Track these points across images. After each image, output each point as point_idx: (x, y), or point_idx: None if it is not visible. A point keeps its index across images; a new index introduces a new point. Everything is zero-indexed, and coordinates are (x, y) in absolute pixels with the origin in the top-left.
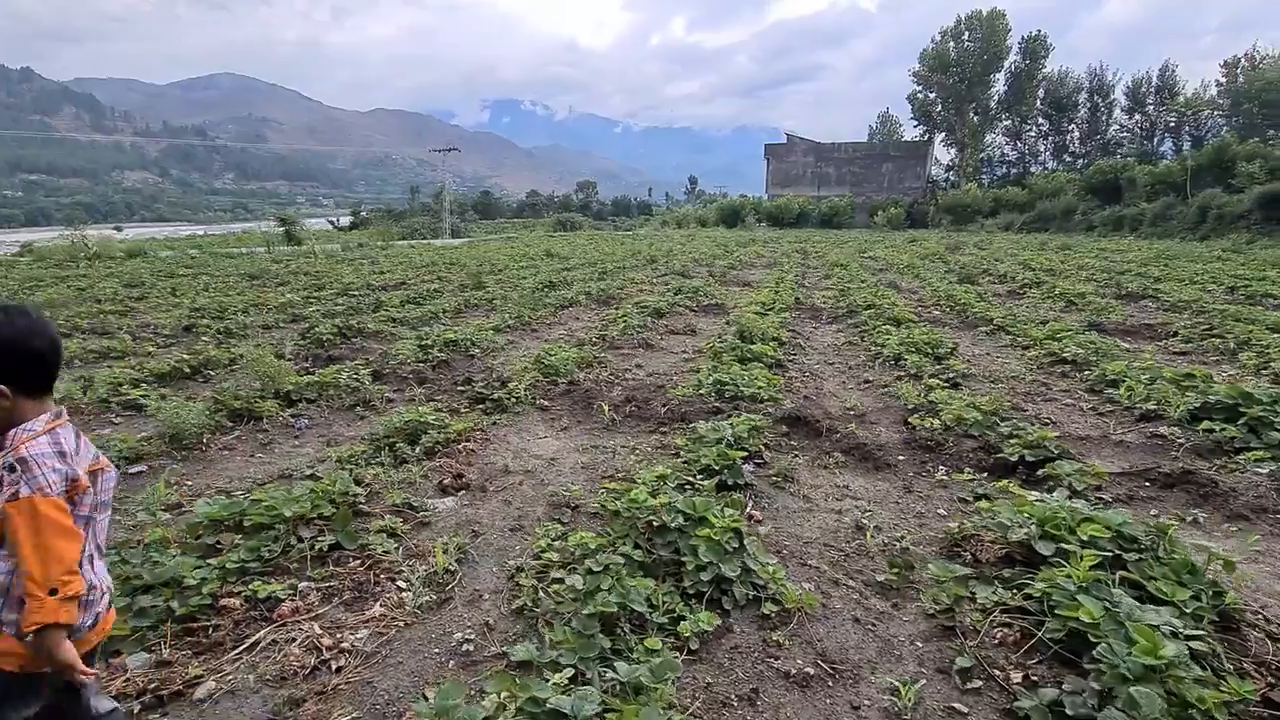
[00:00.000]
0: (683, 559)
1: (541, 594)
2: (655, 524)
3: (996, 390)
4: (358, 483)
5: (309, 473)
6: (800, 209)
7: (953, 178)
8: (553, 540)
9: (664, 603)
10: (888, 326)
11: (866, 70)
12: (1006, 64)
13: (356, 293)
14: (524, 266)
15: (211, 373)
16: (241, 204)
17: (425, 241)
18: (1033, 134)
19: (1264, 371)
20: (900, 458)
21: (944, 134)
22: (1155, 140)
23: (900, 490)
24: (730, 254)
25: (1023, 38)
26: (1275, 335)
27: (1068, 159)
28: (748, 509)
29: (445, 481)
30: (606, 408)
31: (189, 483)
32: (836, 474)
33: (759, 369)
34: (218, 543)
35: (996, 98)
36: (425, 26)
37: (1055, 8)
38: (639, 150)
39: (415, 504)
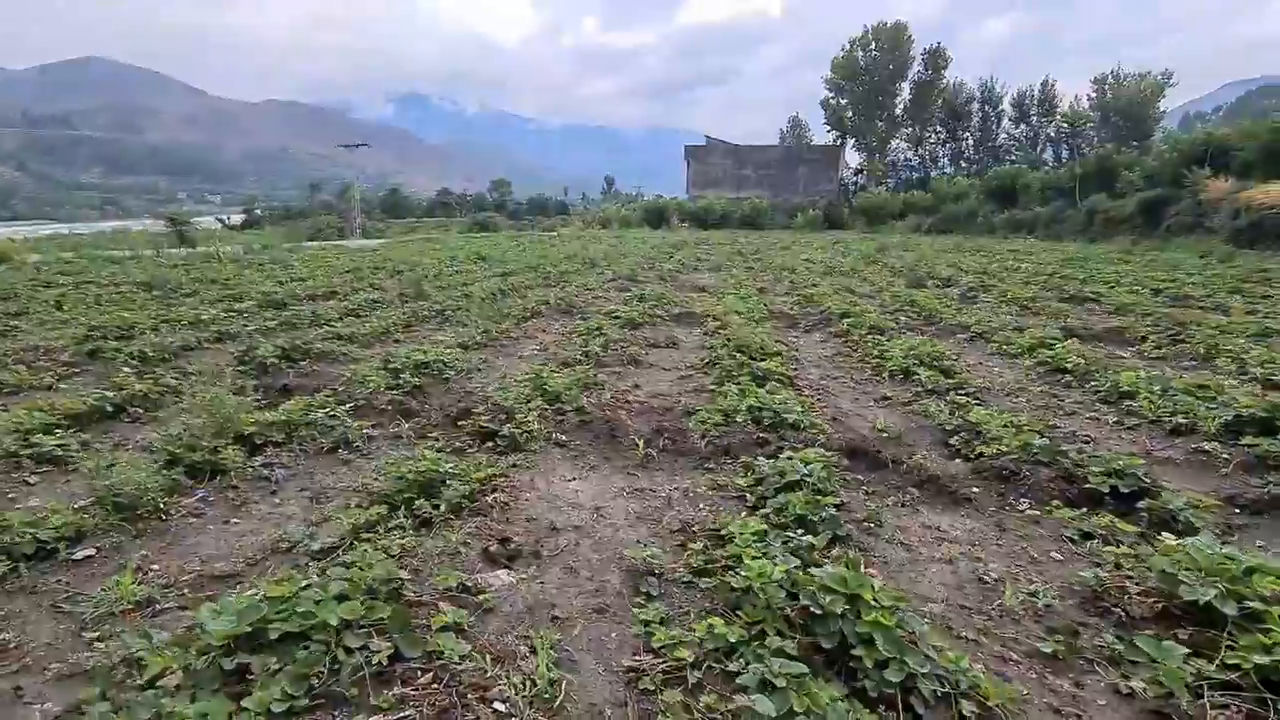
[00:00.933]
0: (852, 651)
1: (696, 713)
2: (812, 610)
3: (1014, 404)
4: (386, 554)
5: (315, 546)
6: (723, 210)
7: (861, 181)
8: (659, 624)
9: (847, 713)
10: (874, 336)
11: (773, 76)
12: (911, 74)
13: (286, 304)
14: (460, 272)
15: (139, 410)
16: (112, 200)
17: (337, 243)
18: (932, 140)
19: (1244, 376)
20: (975, 490)
21: (855, 139)
22: (1039, 148)
23: (994, 529)
24: (669, 257)
25: (925, 49)
26: (1239, 340)
27: (964, 164)
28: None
29: (491, 548)
30: (641, 444)
31: (154, 566)
32: (920, 513)
33: (779, 388)
34: (242, 668)
35: (902, 105)
36: (321, 14)
37: (940, 24)
38: (553, 149)
39: (469, 584)
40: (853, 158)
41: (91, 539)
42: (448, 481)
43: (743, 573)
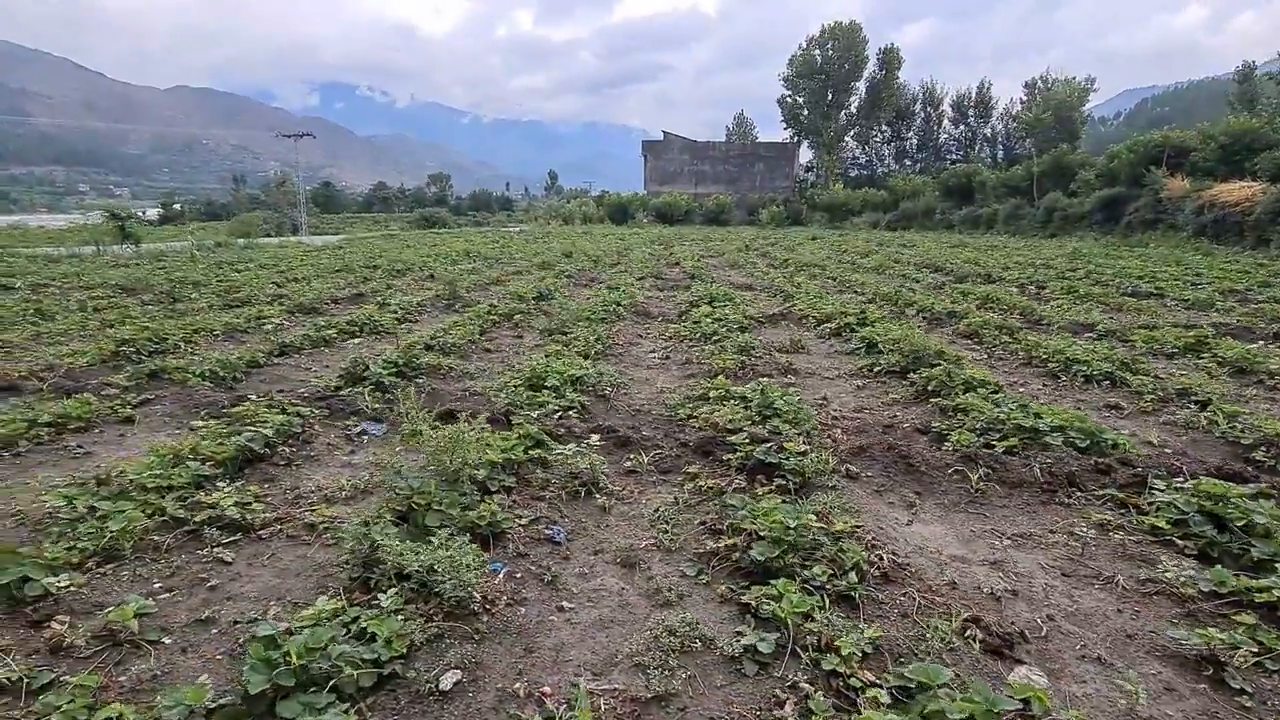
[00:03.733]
0: None
1: None
2: None
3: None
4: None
5: (761, 647)
6: (686, 207)
7: (813, 178)
8: None
9: None
10: (1007, 336)
11: (707, 73)
12: (866, 73)
13: (317, 310)
14: (472, 271)
15: (287, 450)
16: (1, 193)
17: (295, 239)
18: (878, 139)
19: None
20: None
21: (810, 137)
22: (976, 147)
23: None
24: (669, 253)
25: (880, 49)
26: None
27: (907, 163)
28: None
29: (977, 636)
30: (974, 476)
31: (544, 690)
32: None
33: (1003, 398)
34: None
35: (857, 104)
36: None
37: (866, 28)
38: (490, 143)
39: (1022, 696)
40: (803, 155)
41: (429, 653)
42: (810, 534)
43: None
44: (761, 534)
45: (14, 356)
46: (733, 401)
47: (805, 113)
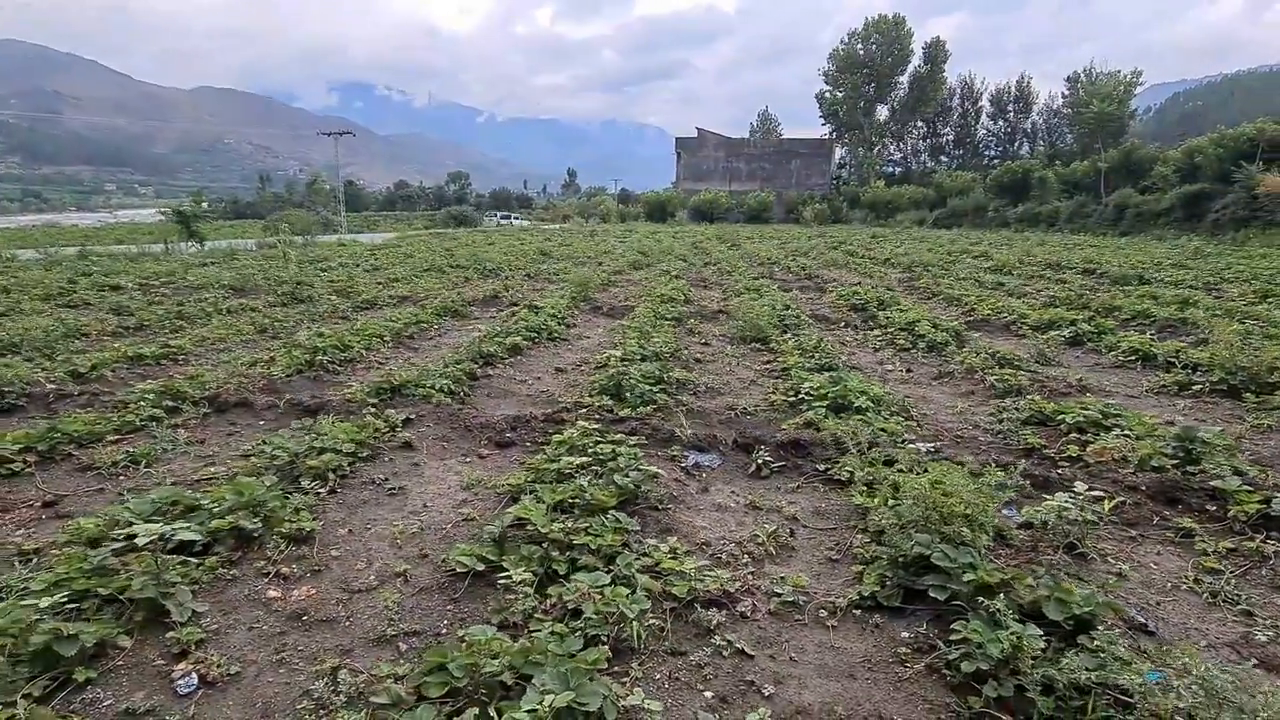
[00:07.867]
0: None
1: None
2: None
3: None
4: None
5: None
6: (726, 204)
7: (845, 175)
8: None
9: None
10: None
11: (728, 71)
12: (910, 67)
13: (460, 313)
14: (564, 270)
15: (650, 506)
16: (33, 192)
17: (350, 238)
18: (914, 135)
19: None
20: None
21: (850, 132)
22: (1015, 144)
23: None
24: (747, 251)
25: (925, 43)
26: None
27: (943, 159)
28: None
29: None
30: None
31: None
32: None
33: None
34: None
35: (900, 99)
36: None
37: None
38: (506, 141)
39: None
40: (835, 152)
41: None
42: None
43: None
44: None
45: (204, 367)
46: (1114, 434)
47: (844, 108)
